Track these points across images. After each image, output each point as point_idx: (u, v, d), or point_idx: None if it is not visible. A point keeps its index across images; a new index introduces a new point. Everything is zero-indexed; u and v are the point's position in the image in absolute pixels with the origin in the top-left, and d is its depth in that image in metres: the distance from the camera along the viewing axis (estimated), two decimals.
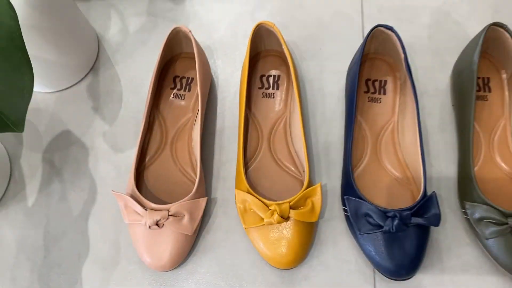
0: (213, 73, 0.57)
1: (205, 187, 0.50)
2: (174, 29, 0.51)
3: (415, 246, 0.44)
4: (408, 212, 0.44)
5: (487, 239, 0.44)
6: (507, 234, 0.43)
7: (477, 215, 0.44)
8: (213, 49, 0.58)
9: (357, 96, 0.52)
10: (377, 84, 0.53)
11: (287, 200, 0.45)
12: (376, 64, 0.54)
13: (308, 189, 0.45)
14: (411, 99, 0.48)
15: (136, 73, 0.57)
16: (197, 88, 0.49)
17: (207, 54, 0.57)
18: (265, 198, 0.46)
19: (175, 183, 0.50)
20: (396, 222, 0.43)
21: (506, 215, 0.43)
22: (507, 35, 0.48)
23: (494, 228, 0.43)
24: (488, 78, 0.52)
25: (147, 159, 0.51)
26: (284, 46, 0.50)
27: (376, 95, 0.53)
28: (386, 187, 0.49)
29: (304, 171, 0.48)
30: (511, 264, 0.43)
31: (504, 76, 0.52)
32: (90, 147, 0.54)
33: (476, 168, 0.49)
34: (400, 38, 0.49)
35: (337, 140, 0.52)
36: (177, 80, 0.55)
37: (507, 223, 0.42)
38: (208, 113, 0.54)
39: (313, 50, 0.57)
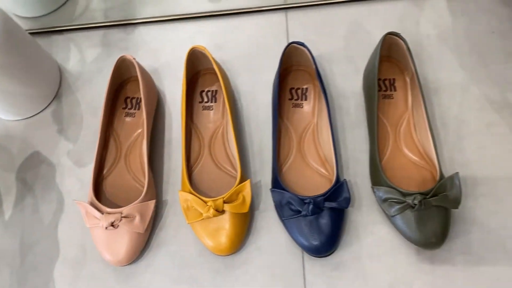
0: (161, 92, 0.65)
1: (156, 192, 0.58)
2: (120, 57, 0.60)
3: (331, 227, 0.52)
4: (322, 197, 0.52)
5: (392, 216, 0.52)
6: (407, 210, 0.51)
7: (382, 196, 0.52)
8: (160, 71, 0.66)
9: (280, 103, 0.60)
10: (299, 91, 0.62)
11: (222, 196, 0.53)
12: (298, 74, 0.62)
13: (239, 185, 0.54)
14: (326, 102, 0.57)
15: (94, 97, 0.65)
16: (143, 106, 0.58)
17: (155, 76, 0.66)
18: (207, 196, 0.54)
19: (129, 190, 0.58)
20: (311, 207, 0.51)
21: (404, 194, 0.51)
22: (402, 42, 0.57)
23: (396, 206, 0.51)
24: (394, 79, 0.61)
25: (105, 171, 0.59)
26: (214, 66, 0.58)
27: (299, 101, 0.61)
28: (310, 179, 0.57)
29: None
30: (414, 236, 0.51)
31: (407, 77, 0.60)
32: (57, 164, 0.62)
33: (385, 157, 0.57)
34: (310, 52, 0.57)
35: (269, 142, 0.60)
36: (128, 100, 0.63)
37: (405, 201, 0.50)
38: (158, 127, 0.63)
39: (246, 66, 0.65)
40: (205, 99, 0.62)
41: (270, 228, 0.56)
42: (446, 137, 0.58)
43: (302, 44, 0.57)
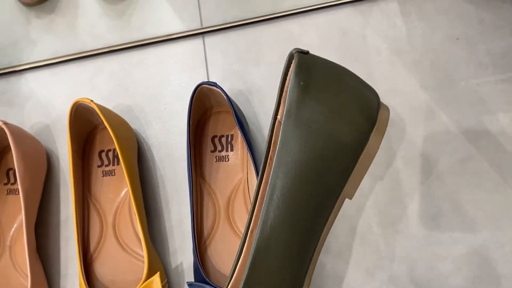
0: (53, 156, 0.52)
1: None
2: None
3: None
4: None
5: None
6: None
7: None
8: (52, 127, 0.53)
9: (199, 158, 0.48)
10: (223, 140, 0.49)
11: None
12: (220, 118, 0.49)
13: (146, 283, 0.41)
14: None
15: None
16: (19, 184, 0.44)
17: (46, 136, 0.53)
18: None
19: None
20: None
21: None
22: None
23: None
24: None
25: None
26: (104, 121, 0.45)
27: (223, 153, 0.48)
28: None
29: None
30: None
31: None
32: None
33: None
34: (225, 93, 0.44)
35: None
36: (11, 173, 0.50)
37: None
38: (51, 202, 0.50)
39: (157, 111, 0.52)
40: (105, 162, 0.49)
41: None
42: (411, 181, 0.45)
43: (214, 84, 0.44)
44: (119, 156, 0.44)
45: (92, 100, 0.45)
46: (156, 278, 0.41)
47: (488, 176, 0.45)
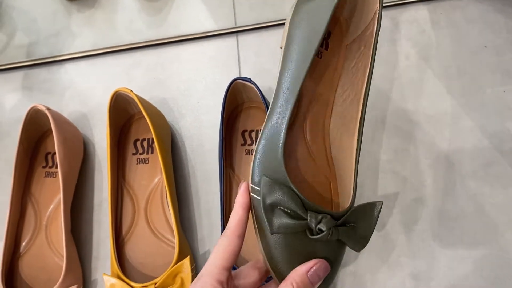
0: (90, 143, 0.54)
1: (82, 270, 0.47)
2: (31, 108, 0.49)
3: None
4: None
5: (272, 233, 0.31)
6: (300, 234, 0.31)
7: (270, 197, 0.31)
8: (90, 117, 0.55)
9: (230, 151, 0.49)
10: (253, 134, 0.50)
11: (153, 281, 0.42)
12: (251, 113, 0.51)
13: (176, 266, 0.43)
14: None
15: (13, 153, 0.54)
16: (58, 166, 0.47)
17: (84, 123, 0.55)
18: (143, 276, 0.44)
19: (52, 270, 0.48)
20: None
21: (310, 207, 0.31)
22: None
23: (285, 220, 0.30)
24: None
25: (21, 247, 0.49)
26: (142, 110, 0.47)
27: (253, 147, 0.50)
28: None
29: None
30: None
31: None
32: None
33: None
34: (259, 88, 0.46)
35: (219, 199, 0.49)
36: (49, 157, 0.52)
37: (304, 218, 0.30)
38: (86, 186, 0.52)
39: (190, 104, 0.54)
40: (140, 150, 0.51)
41: None
42: (435, 183, 0.47)
43: (248, 80, 0.46)
44: (155, 143, 0.46)
45: (131, 90, 0.47)
46: (186, 261, 0.43)
47: (511, 181, 0.46)
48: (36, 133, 0.52)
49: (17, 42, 0.61)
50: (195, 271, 0.46)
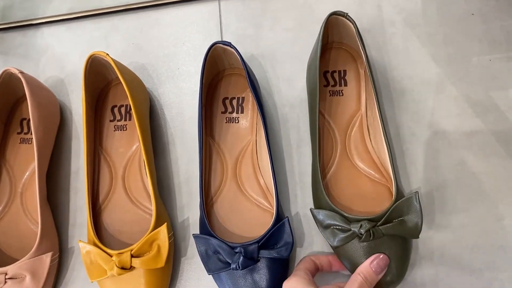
0: (67, 109, 0.53)
1: (58, 238, 0.47)
2: (4, 72, 0.47)
3: (268, 280, 0.41)
4: (255, 245, 0.40)
5: (335, 247, 0.40)
6: (354, 241, 0.39)
7: (323, 221, 0.40)
8: (66, 82, 0.54)
9: (210, 119, 0.49)
10: (234, 102, 0.49)
11: (129, 248, 0.41)
12: (232, 80, 0.50)
13: (152, 233, 0.42)
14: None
15: None
16: (32, 132, 0.45)
17: (60, 89, 0.53)
18: (119, 243, 0.43)
19: (26, 238, 0.47)
20: (241, 258, 0.39)
21: (350, 220, 0.39)
22: (350, 23, 0.44)
23: (340, 235, 0.39)
24: (345, 71, 0.48)
25: None
26: (119, 76, 0.45)
27: (234, 115, 0.49)
28: (248, 215, 0.46)
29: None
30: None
31: (360, 68, 0.48)
32: None
33: (331, 170, 0.45)
34: (239, 53, 0.45)
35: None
36: (24, 122, 0.51)
37: (350, 229, 0.38)
38: (62, 153, 0.51)
39: (170, 71, 0.53)
40: (118, 117, 0.50)
41: (200, 279, 0.45)
42: (416, 151, 0.46)
43: (229, 44, 0.45)
44: (132, 110, 0.45)
45: (107, 54, 0.46)
46: (163, 228, 0.42)
47: (494, 150, 0.45)
48: (10, 98, 0.51)
49: None
50: (173, 238, 0.45)
